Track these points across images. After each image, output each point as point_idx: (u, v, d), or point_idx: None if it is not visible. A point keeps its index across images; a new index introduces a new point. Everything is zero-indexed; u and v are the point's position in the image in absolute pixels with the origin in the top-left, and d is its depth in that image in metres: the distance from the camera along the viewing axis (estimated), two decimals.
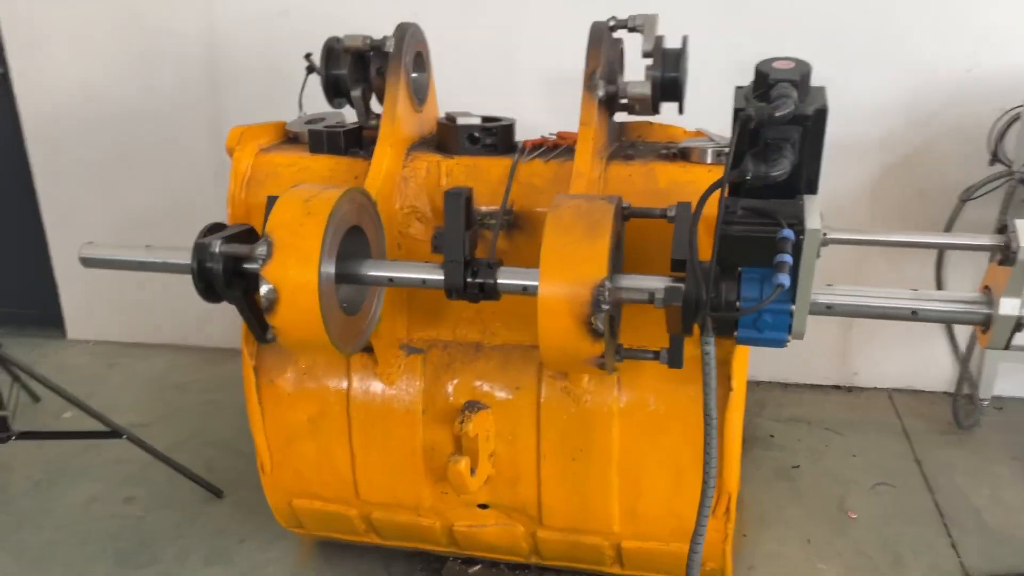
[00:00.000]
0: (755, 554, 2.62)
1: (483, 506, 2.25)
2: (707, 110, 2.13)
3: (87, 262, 2.07)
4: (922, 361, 3.53)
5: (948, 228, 3.10)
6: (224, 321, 4.10)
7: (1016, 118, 2.98)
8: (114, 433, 2.92)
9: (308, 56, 3.24)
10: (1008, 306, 1.54)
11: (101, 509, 2.92)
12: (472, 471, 2.10)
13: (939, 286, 3.28)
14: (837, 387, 3.62)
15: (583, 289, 1.60)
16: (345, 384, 2.21)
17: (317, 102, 3.16)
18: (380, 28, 2.37)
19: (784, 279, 1.44)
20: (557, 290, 1.61)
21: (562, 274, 1.61)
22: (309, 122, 2.36)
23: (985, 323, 1.60)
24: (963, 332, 3.38)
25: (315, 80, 3.18)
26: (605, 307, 1.59)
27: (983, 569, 2.53)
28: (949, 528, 2.72)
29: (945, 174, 3.17)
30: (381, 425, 2.21)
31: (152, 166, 3.84)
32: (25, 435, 2.97)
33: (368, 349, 2.17)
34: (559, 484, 2.15)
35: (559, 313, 1.62)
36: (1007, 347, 1.59)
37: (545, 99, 3.28)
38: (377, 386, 2.20)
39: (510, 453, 2.16)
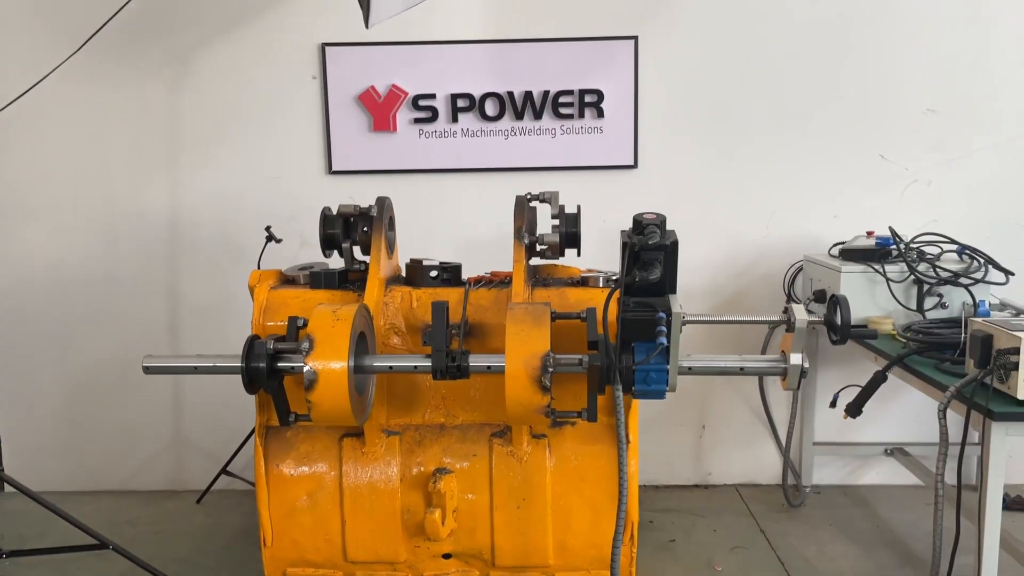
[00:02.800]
0: None
1: (447, 556, 2.90)
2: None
3: (148, 370, 2.66)
4: (759, 461, 4.49)
5: (764, 348, 4.18)
6: (162, 465, 4.55)
7: (800, 269, 4.15)
8: (101, 545, 3.34)
9: (268, 228, 4.07)
10: (795, 359, 2.49)
11: None
12: (442, 521, 2.78)
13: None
14: (696, 485, 4.50)
15: (535, 359, 2.42)
16: (338, 463, 2.86)
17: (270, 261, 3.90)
18: (319, 205, 3.11)
19: (663, 340, 2.33)
20: (518, 361, 2.42)
21: (521, 350, 2.43)
22: (302, 269, 3.12)
23: (783, 373, 2.53)
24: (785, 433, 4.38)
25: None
26: (551, 370, 2.41)
27: None
28: (789, 572, 3.56)
29: (756, 310, 4.27)
30: (367, 494, 2.85)
31: (109, 327, 4.38)
32: (15, 553, 3.35)
33: (356, 434, 2.87)
34: (507, 529, 2.84)
35: (520, 376, 2.42)
36: (798, 387, 2.53)
37: (457, 256, 4.18)
38: (364, 462, 2.86)
39: (469, 508, 2.85)
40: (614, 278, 2.90)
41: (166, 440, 4.53)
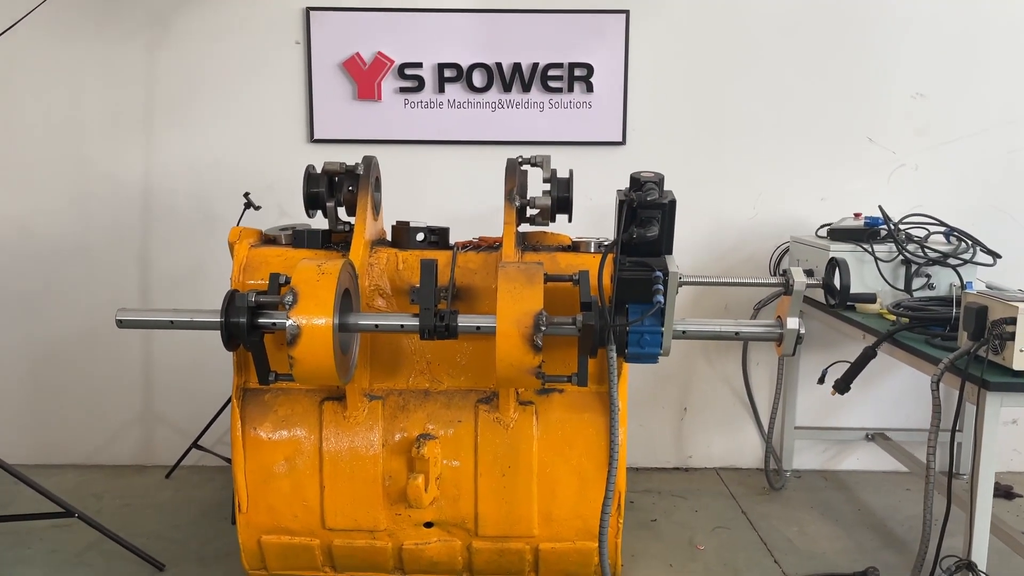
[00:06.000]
0: None
1: (428, 524, 2.81)
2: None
3: (122, 323, 2.55)
4: (739, 444, 4.46)
5: None
6: (130, 439, 4.41)
7: (786, 251, 4.12)
8: (67, 513, 3.22)
9: (247, 195, 3.96)
10: (791, 323, 2.44)
11: None
12: (425, 488, 2.70)
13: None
14: (677, 468, 4.46)
15: (528, 317, 2.35)
16: (318, 427, 2.77)
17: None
18: (299, 175, 2.98)
19: (660, 299, 2.27)
20: (510, 319, 2.35)
21: (513, 308, 2.36)
22: (283, 229, 3.02)
23: (779, 338, 2.49)
24: (767, 417, 4.34)
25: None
26: (543, 328, 2.34)
27: (799, 572, 3.33)
28: (771, 551, 3.52)
29: (742, 293, 4.23)
30: (348, 459, 2.76)
31: (77, 295, 4.22)
32: None
33: (337, 398, 2.78)
34: (492, 497, 2.77)
35: (512, 335, 2.35)
36: (793, 353, 2.48)
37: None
38: (345, 427, 2.77)
39: (453, 475, 2.77)
40: (606, 243, 2.84)
41: (135, 413, 4.39)
